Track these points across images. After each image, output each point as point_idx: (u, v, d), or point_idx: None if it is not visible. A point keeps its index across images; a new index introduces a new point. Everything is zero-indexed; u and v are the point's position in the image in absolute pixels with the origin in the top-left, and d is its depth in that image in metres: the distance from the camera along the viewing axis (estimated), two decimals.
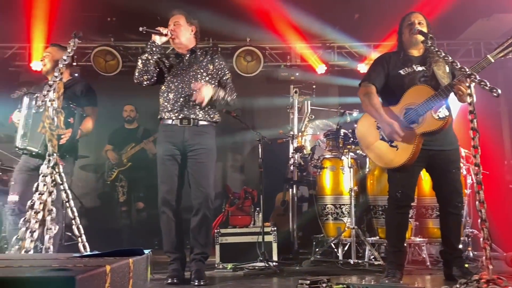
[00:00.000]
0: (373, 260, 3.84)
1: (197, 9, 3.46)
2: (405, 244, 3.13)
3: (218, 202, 4.74)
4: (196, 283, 3.05)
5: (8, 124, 4.35)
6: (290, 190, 4.90)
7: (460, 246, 3.18)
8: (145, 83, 3.26)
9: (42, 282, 1.09)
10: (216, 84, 3.32)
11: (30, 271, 1.25)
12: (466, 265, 3.08)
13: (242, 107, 6.00)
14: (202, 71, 3.29)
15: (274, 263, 3.88)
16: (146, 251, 1.75)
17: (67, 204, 2.39)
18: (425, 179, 4.00)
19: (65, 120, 2.55)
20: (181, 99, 3.22)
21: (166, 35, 3.20)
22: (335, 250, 4.11)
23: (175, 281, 3.10)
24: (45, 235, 2.29)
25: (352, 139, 4.10)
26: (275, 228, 4.10)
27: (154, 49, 3.20)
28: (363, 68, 6.34)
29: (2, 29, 5.90)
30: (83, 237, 2.39)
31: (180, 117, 3.20)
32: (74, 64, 6.29)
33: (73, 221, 2.36)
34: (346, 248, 4.05)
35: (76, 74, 6.32)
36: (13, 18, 5.75)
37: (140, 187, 5.72)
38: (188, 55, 3.35)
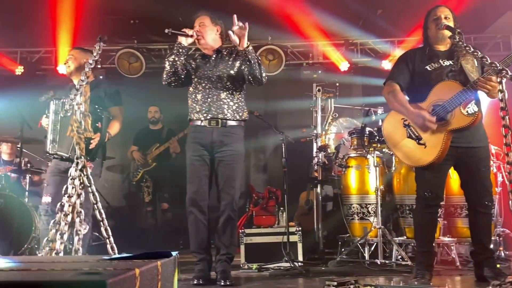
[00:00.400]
0: (401, 260, 3.77)
1: (218, 9, 3.46)
2: (434, 244, 3.06)
3: (242, 202, 4.75)
4: (222, 283, 3.06)
5: (36, 128, 4.46)
6: (315, 189, 4.86)
7: (491, 246, 3.10)
8: (173, 84, 3.28)
9: (75, 286, 1.10)
10: (241, 83, 3.31)
11: (62, 274, 1.26)
12: (498, 266, 2.99)
13: (265, 107, 6.00)
14: (228, 69, 3.29)
15: (300, 263, 3.86)
16: (173, 253, 1.75)
17: (95, 206, 2.43)
18: (453, 178, 3.91)
19: (93, 124, 2.59)
20: (209, 99, 3.23)
21: (191, 36, 3.21)
22: (361, 250, 4.06)
23: (201, 282, 3.11)
24: (75, 236, 2.33)
25: (377, 137, 4.04)
26: (300, 228, 4.07)
27: (180, 50, 3.22)
28: (387, 65, 6.24)
29: (29, 34, 6.06)
30: (111, 238, 2.42)
31: (208, 117, 3.21)
32: (99, 66, 6.40)
33: (101, 223, 2.39)
34: (372, 248, 3.99)
35: (101, 77, 6.44)
36: (39, 22, 5.89)
37: (165, 187, 5.77)
38: (214, 56, 3.36)
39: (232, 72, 3.29)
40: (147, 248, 5.64)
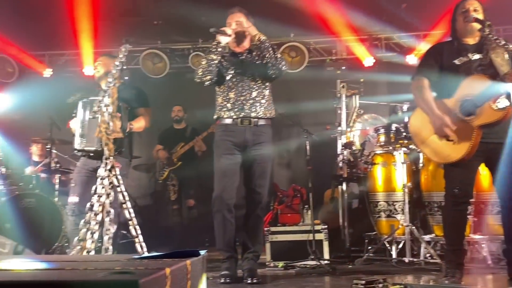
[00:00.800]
0: (429, 258, 3.71)
1: (240, 6, 3.46)
2: (464, 242, 2.99)
3: (267, 200, 4.75)
4: (249, 281, 3.08)
5: (64, 129, 4.58)
6: (340, 187, 4.81)
7: None
8: (207, 82, 3.28)
9: (108, 285, 1.12)
10: (269, 80, 3.34)
11: (95, 274, 1.29)
12: None
13: (288, 104, 5.97)
14: (259, 68, 3.30)
15: (326, 262, 3.84)
16: (201, 252, 1.77)
17: (124, 205, 2.47)
18: (483, 174, 3.81)
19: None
20: (242, 97, 3.25)
21: (230, 35, 3.23)
22: (389, 248, 4.00)
23: (228, 280, 3.12)
24: (104, 236, 2.38)
25: (404, 133, 3.97)
26: (325, 226, 4.05)
27: (219, 49, 3.24)
28: (412, 59, 6.11)
29: (56, 37, 6.20)
30: (140, 237, 2.46)
31: (241, 116, 3.23)
32: (124, 67, 6.49)
33: (130, 222, 2.43)
34: (400, 246, 3.93)
35: (127, 78, 6.53)
36: (65, 25, 6.02)
37: (191, 186, 5.82)
38: (245, 54, 3.38)
39: (263, 70, 3.30)
40: (173, 246, 5.71)
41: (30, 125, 5.81)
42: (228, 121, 3.25)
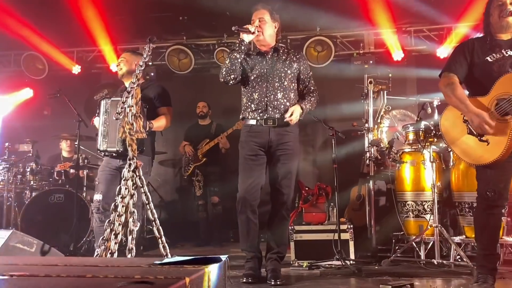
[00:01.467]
0: (459, 260, 3.59)
1: (265, 1, 3.40)
2: (497, 246, 2.87)
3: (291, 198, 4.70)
4: (272, 283, 3.05)
5: (91, 126, 4.65)
6: (366, 184, 4.71)
7: None
8: (231, 82, 3.23)
9: None
10: (296, 84, 3.29)
11: (115, 283, 1.28)
12: None
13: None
14: (286, 69, 3.25)
15: (352, 262, 3.77)
16: (223, 258, 1.74)
17: (148, 206, 2.47)
18: None
19: None
20: (266, 99, 3.19)
21: (253, 33, 3.17)
22: (417, 249, 3.90)
23: (251, 280, 3.11)
24: (128, 236, 2.39)
25: (434, 131, 3.84)
26: (351, 226, 3.97)
27: (243, 47, 3.19)
28: (442, 52, 5.91)
29: (84, 33, 6.29)
30: (163, 238, 2.47)
31: (265, 117, 3.18)
32: (150, 64, 6.54)
33: (153, 223, 2.44)
34: (428, 247, 3.82)
35: (152, 74, 6.58)
36: (92, 21, 6.09)
37: (215, 182, 5.84)
38: (271, 53, 3.30)
39: (289, 72, 3.24)
40: (199, 241, 5.76)
41: (59, 121, 5.93)
42: (253, 122, 3.21)
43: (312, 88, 3.36)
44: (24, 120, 6.60)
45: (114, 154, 3.36)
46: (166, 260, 1.68)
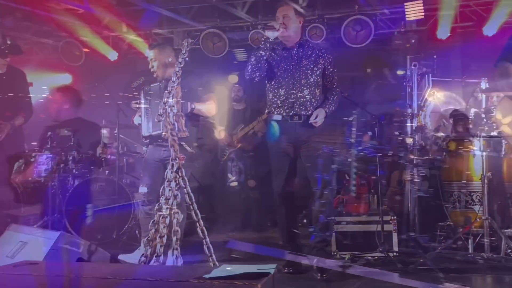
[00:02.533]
0: (511, 254, 3.43)
1: None
2: None
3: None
4: (318, 276, 3.08)
5: (128, 113, 4.66)
6: (409, 172, 4.54)
7: None
8: (256, 79, 3.29)
9: None
10: (321, 79, 3.30)
11: None
12: None
13: (352, 83, 5.69)
14: (312, 66, 3.26)
15: (395, 254, 3.68)
16: (271, 270, 1.70)
17: (192, 207, 2.46)
18: None
19: None
20: (292, 95, 3.23)
21: (278, 30, 3.18)
22: (464, 241, 3.75)
23: (291, 270, 3.20)
24: (172, 237, 2.38)
25: (485, 119, 3.63)
26: (394, 217, 3.86)
27: (268, 45, 3.20)
28: (489, 30, 5.51)
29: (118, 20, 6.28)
30: (207, 239, 2.46)
31: (291, 114, 3.23)
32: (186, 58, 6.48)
33: (197, 224, 2.42)
34: (477, 240, 3.67)
35: (187, 58, 6.51)
36: (125, 6, 6.07)
37: (251, 167, 5.81)
38: (296, 49, 3.32)
39: (315, 68, 3.26)
40: (236, 225, 5.76)
41: (99, 109, 6.00)
42: (278, 117, 3.29)
43: (335, 84, 3.39)
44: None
45: (159, 140, 3.35)
46: (214, 274, 1.65)
